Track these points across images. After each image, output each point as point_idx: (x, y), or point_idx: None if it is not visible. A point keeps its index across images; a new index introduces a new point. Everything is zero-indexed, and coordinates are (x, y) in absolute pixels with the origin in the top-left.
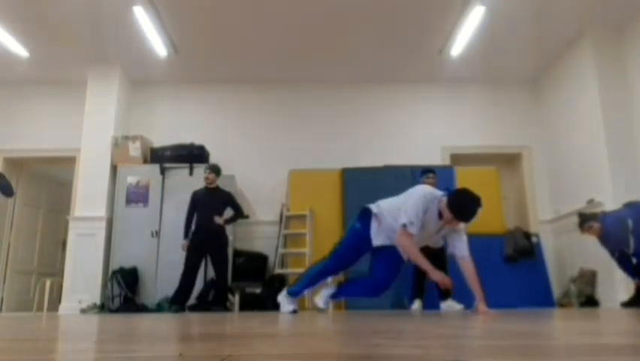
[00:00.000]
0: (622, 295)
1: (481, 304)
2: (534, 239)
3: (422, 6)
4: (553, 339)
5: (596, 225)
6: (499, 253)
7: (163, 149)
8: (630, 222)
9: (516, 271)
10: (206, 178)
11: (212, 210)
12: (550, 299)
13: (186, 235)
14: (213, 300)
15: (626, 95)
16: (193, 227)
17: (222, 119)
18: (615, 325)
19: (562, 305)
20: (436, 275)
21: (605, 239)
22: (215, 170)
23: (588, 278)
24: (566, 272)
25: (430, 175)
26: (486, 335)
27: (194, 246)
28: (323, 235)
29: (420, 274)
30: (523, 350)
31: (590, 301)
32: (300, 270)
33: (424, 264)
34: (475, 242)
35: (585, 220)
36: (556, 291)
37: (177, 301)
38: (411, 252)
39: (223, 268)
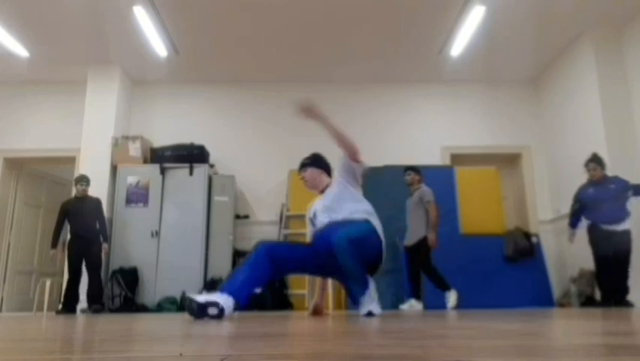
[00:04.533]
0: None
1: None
2: (534, 239)
3: (422, 6)
4: (553, 339)
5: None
6: (499, 253)
7: (163, 149)
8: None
9: (516, 271)
10: (83, 190)
11: (86, 217)
12: (550, 299)
13: (55, 245)
14: (89, 301)
15: (626, 94)
16: (69, 236)
17: (222, 119)
18: (615, 325)
19: (562, 305)
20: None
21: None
22: (86, 181)
23: (588, 278)
24: (566, 272)
25: (408, 173)
26: (486, 335)
27: (73, 252)
28: None
29: (414, 273)
30: (523, 350)
31: (590, 301)
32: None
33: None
34: (475, 242)
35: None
36: (557, 291)
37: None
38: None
39: (97, 270)
